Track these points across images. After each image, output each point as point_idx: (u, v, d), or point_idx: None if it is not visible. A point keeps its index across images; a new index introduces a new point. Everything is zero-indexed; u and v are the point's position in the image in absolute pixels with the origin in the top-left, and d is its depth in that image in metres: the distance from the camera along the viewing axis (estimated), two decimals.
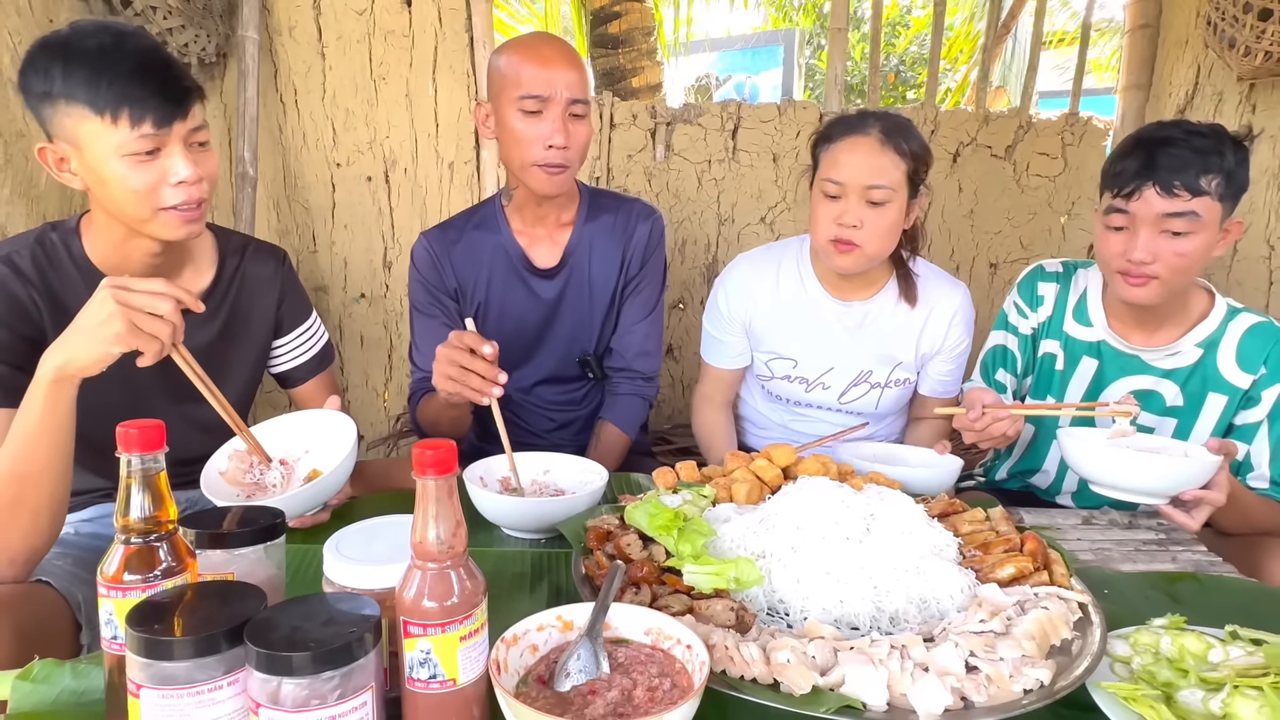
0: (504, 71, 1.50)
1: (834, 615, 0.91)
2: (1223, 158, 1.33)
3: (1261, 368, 1.43)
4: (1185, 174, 1.33)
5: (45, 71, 1.15)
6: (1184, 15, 2.43)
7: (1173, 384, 1.49)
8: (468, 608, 0.68)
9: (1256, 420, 1.44)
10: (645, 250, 1.72)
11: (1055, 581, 0.96)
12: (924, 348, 1.67)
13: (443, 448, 0.67)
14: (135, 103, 1.15)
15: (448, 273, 1.66)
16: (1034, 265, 1.68)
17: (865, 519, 1.02)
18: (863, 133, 1.50)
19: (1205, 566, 1.16)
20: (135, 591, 0.71)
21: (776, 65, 7.08)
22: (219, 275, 1.43)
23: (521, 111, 1.48)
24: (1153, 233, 1.37)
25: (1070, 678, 0.78)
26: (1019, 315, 1.65)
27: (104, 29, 1.20)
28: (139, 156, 1.17)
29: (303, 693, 0.62)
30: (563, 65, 1.48)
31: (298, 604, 0.69)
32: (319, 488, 1.14)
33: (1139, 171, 1.36)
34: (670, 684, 0.73)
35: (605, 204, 1.72)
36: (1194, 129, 1.36)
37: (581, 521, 1.08)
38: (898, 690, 0.74)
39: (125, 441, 0.71)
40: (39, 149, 1.21)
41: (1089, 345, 1.56)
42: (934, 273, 1.70)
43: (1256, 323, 1.46)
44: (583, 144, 1.55)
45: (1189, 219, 1.34)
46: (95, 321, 1.04)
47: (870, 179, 1.47)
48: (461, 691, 0.69)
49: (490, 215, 1.69)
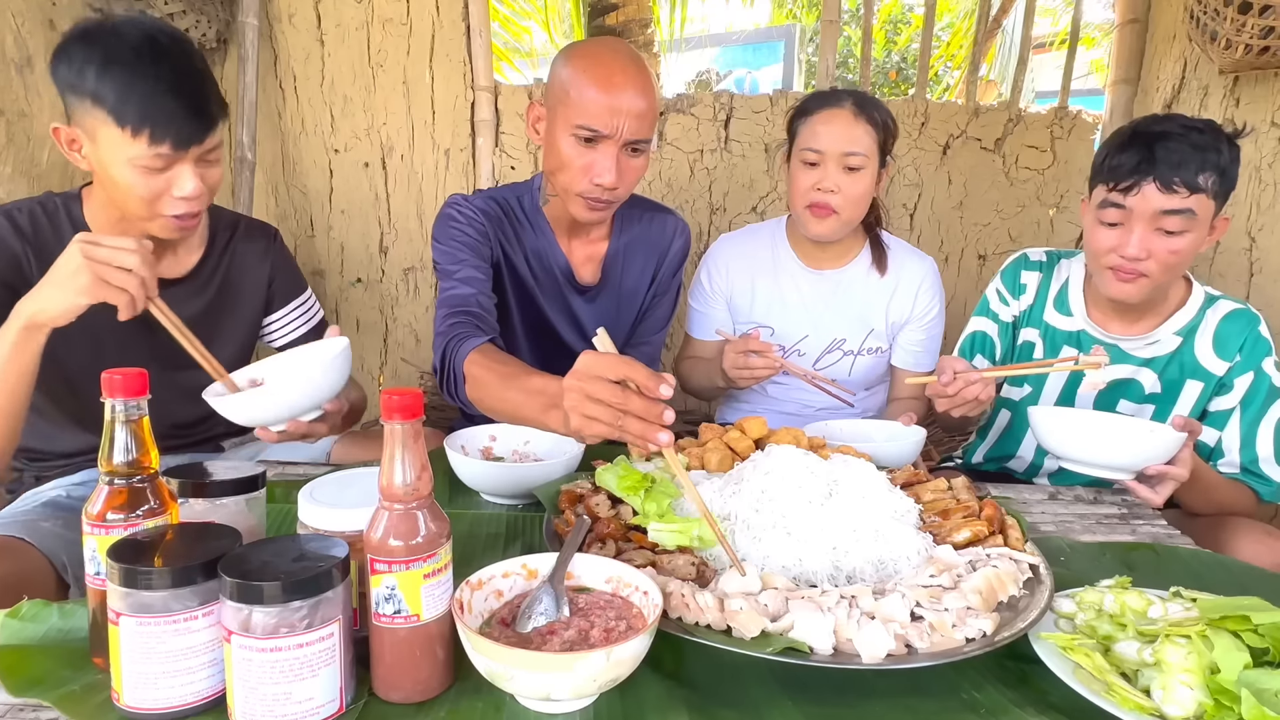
0: (566, 87, 1.35)
1: (793, 573, 0.94)
2: (1219, 154, 1.31)
3: (1236, 355, 1.44)
4: (1184, 170, 1.30)
5: (79, 67, 1.17)
6: (1171, 10, 2.46)
7: (1151, 372, 1.51)
8: (431, 547, 0.72)
9: (1229, 407, 1.45)
10: (675, 266, 1.70)
11: (1010, 546, 0.99)
12: (893, 315, 1.76)
13: (409, 394, 0.71)
14: (159, 124, 1.18)
15: (491, 236, 1.50)
16: (1019, 253, 1.69)
17: (829, 484, 1.05)
18: (838, 105, 1.61)
19: (1163, 538, 1.19)
20: (118, 530, 0.75)
21: (778, 61, 7.12)
22: (209, 250, 1.47)
23: (575, 138, 1.35)
24: (1148, 229, 1.35)
25: (1013, 629, 0.81)
26: (1000, 302, 1.67)
27: (146, 34, 1.20)
28: (150, 169, 1.21)
29: (272, 621, 0.66)
30: (632, 95, 1.32)
31: (271, 542, 0.73)
32: (303, 380, 1.15)
33: (1137, 166, 1.33)
34: (626, 626, 0.76)
35: (638, 215, 1.65)
36: (1190, 124, 1.34)
37: (556, 486, 1.11)
38: (844, 635, 0.78)
39: (109, 387, 0.75)
40: (54, 127, 1.24)
41: (1068, 335, 1.58)
42: (901, 245, 1.80)
43: (1233, 309, 1.47)
44: (634, 180, 1.43)
45: (1185, 217, 1.32)
46: (65, 274, 1.08)
47: (847, 146, 1.58)
48: (425, 628, 0.73)
49: (532, 212, 1.56)
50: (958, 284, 2.83)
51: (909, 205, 2.79)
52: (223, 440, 1.57)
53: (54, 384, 1.37)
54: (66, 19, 2.05)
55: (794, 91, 2.66)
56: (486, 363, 1.21)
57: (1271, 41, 1.91)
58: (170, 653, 0.68)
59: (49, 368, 1.36)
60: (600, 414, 0.90)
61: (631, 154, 1.39)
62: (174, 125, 1.18)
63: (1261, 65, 2.03)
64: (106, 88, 1.16)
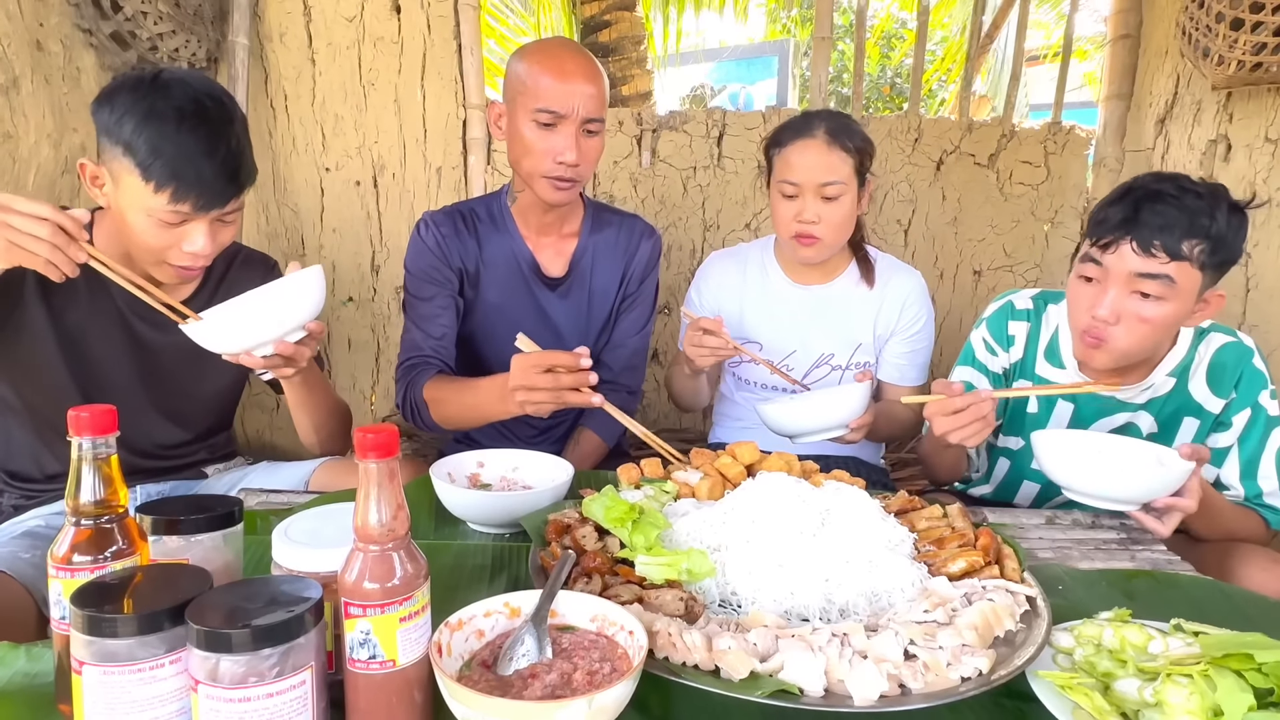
0: (522, 78, 1.48)
1: (784, 606, 0.92)
2: (1213, 221, 1.23)
3: (1232, 391, 1.41)
4: (1167, 234, 1.23)
5: (120, 117, 1.19)
6: (1164, 26, 2.46)
7: (1148, 414, 1.47)
8: (408, 589, 0.70)
9: (1227, 445, 1.42)
10: (645, 268, 1.76)
11: (1006, 576, 0.97)
12: (880, 328, 1.77)
13: (384, 432, 0.69)
14: (184, 184, 1.19)
15: (454, 255, 1.63)
16: (1004, 300, 1.59)
17: (821, 513, 1.03)
18: (810, 135, 1.61)
19: (1163, 564, 1.17)
20: (84, 572, 0.72)
21: (772, 76, 7.14)
22: (206, 278, 1.46)
23: (535, 123, 1.47)
24: (1122, 291, 1.28)
25: (1010, 667, 0.79)
26: (987, 352, 1.58)
27: (192, 96, 1.21)
28: (165, 223, 1.22)
29: (240, 670, 0.63)
30: (582, 80, 1.46)
31: (242, 585, 0.71)
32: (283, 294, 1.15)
33: (1120, 224, 1.27)
34: (610, 668, 0.74)
35: (608, 218, 1.74)
36: (1190, 186, 1.26)
37: (544, 516, 1.09)
38: (835, 676, 0.75)
39: (76, 425, 0.73)
40: (80, 163, 1.26)
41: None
42: (888, 260, 1.81)
43: (1226, 343, 1.43)
44: (594, 159, 1.55)
45: (1162, 283, 1.25)
46: None
47: (823, 177, 1.59)
48: (402, 672, 0.70)
49: (498, 214, 1.68)
50: (953, 300, 2.82)
51: (903, 221, 2.78)
52: (205, 466, 1.54)
53: (37, 403, 1.36)
54: (54, 40, 2.04)
55: (787, 108, 2.65)
56: (440, 384, 1.50)
57: (1264, 58, 1.91)
58: (135, 702, 0.65)
59: (32, 386, 1.35)
60: (544, 397, 1.25)
61: (588, 134, 1.51)
62: (198, 188, 1.20)
63: (1254, 81, 2.03)
64: (141, 141, 1.18)
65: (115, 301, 1.35)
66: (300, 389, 1.39)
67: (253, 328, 1.16)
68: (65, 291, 1.26)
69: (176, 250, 1.25)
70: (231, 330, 1.15)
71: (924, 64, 2.88)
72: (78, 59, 2.13)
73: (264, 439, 2.82)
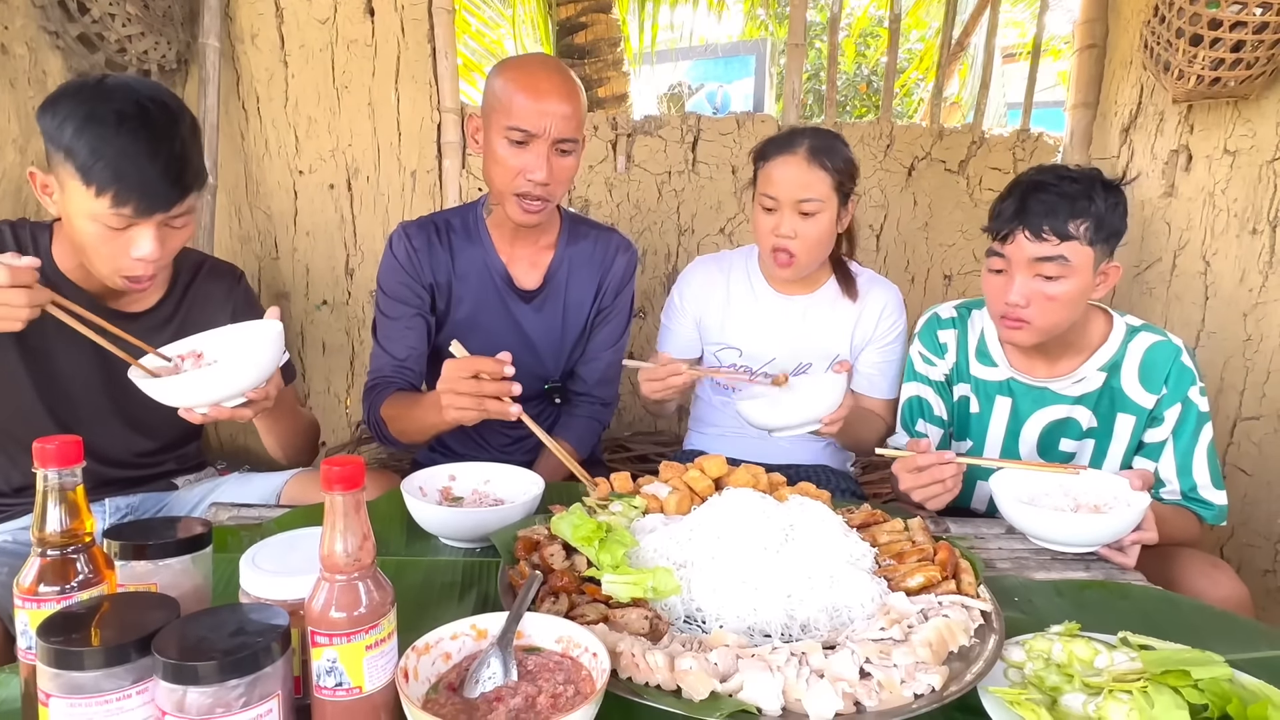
0: (498, 94, 1.48)
1: (747, 623, 0.94)
2: (1092, 202, 1.36)
3: (1163, 387, 1.47)
4: (1053, 219, 1.36)
5: (60, 121, 1.17)
6: (1129, 37, 2.51)
7: (1084, 408, 1.53)
8: (374, 618, 0.71)
9: (1161, 439, 1.48)
10: (620, 282, 1.77)
11: (962, 590, 1.00)
12: (857, 339, 1.80)
13: (350, 464, 0.70)
14: (126, 188, 1.18)
15: (425, 269, 1.64)
16: (929, 314, 1.68)
17: (784, 529, 1.06)
18: (791, 151, 1.63)
19: (1115, 574, 1.21)
20: (50, 603, 0.73)
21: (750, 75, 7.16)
22: (171, 289, 1.45)
23: (507, 140, 1.47)
24: (1026, 276, 1.39)
25: (961, 683, 0.81)
26: (925, 364, 1.66)
27: (135, 99, 1.20)
28: (109, 228, 1.21)
29: (207, 700, 0.64)
30: (556, 100, 1.46)
31: (208, 615, 0.72)
32: (227, 369, 1.15)
33: (1012, 216, 1.39)
34: (574, 691, 0.76)
35: (584, 231, 1.75)
36: (1067, 174, 1.39)
37: (514, 531, 1.10)
38: (793, 696, 0.78)
39: (42, 457, 0.73)
40: (30, 171, 1.25)
41: (999, 385, 1.59)
42: (867, 274, 1.85)
43: (1155, 342, 1.49)
44: (566, 179, 1.55)
45: (1058, 263, 1.37)
46: None
47: (800, 193, 1.61)
48: (369, 699, 0.71)
49: (473, 225, 1.68)
50: (924, 304, 2.85)
51: (875, 226, 2.82)
52: (175, 477, 1.54)
53: (2, 417, 1.35)
54: (19, 42, 2.02)
55: (761, 114, 2.67)
56: (394, 401, 1.54)
57: (1222, 73, 1.96)
58: None
59: (3, 399, 1.34)
60: (466, 403, 1.26)
61: (560, 154, 1.50)
62: (139, 190, 1.19)
63: (1213, 95, 2.08)
64: (80, 145, 1.16)
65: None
66: (262, 418, 1.39)
67: (189, 394, 1.15)
68: None
69: (125, 258, 1.23)
70: (168, 393, 1.14)
71: (896, 70, 2.91)
72: (44, 62, 2.10)
73: (237, 443, 2.81)
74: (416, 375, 1.65)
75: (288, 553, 0.82)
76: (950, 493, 1.32)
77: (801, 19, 2.68)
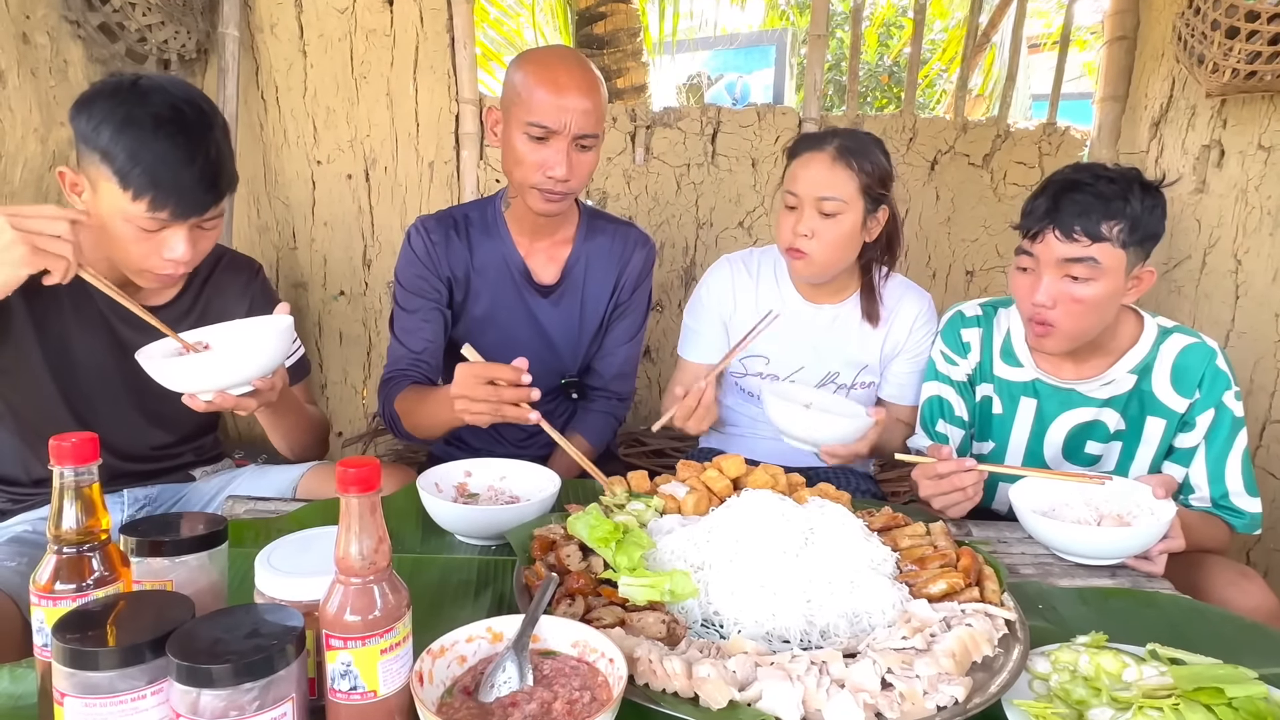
0: (518, 88, 1.46)
1: (766, 628, 0.93)
2: (1128, 203, 1.31)
3: (1196, 391, 1.43)
4: (1086, 219, 1.32)
5: (96, 124, 1.17)
6: (1160, 29, 2.45)
7: (1113, 411, 1.49)
8: (390, 621, 0.70)
9: (1193, 444, 1.44)
10: (638, 277, 1.75)
11: (986, 598, 0.98)
12: (887, 349, 1.75)
13: (366, 465, 0.69)
14: (162, 192, 1.18)
15: (443, 263, 1.62)
16: (953, 312, 1.64)
17: (804, 532, 1.04)
18: (819, 149, 1.59)
19: (1142, 582, 1.18)
20: (66, 601, 0.72)
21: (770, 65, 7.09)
22: (189, 282, 1.45)
23: (527, 135, 1.45)
24: (1055, 277, 1.36)
25: (984, 695, 0.80)
26: (947, 363, 1.62)
27: (170, 102, 1.20)
28: (144, 230, 1.21)
29: (221, 703, 0.64)
30: (576, 95, 1.43)
31: (223, 615, 0.71)
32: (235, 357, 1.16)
33: (1044, 214, 1.35)
34: (590, 697, 0.74)
35: (603, 225, 1.72)
36: (1104, 173, 1.35)
37: (530, 529, 1.10)
38: (813, 706, 0.76)
39: (58, 454, 0.73)
40: (59, 171, 1.25)
41: (1024, 385, 1.55)
42: (899, 281, 1.78)
43: (1189, 344, 1.45)
44: (586, 173, 1.53)
45: (1088, 265, 1.33)
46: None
47: (821, 191, 1.56)
48: (384, 703, 0.71)
49: (491, 219, 1.66)
50: (945, 300, 2.82)
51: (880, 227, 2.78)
52: (192, 469, 1.55)
53: (22, 408, 1.35)
54: (40, 32, 2.02)
55: (782, 106, 2.64)
56: (407, 395, 1.53)
57: (1258, 66, 1.90)
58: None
59: (16, 391, 1.34)
60: (483, 409, 1.25)
61: (581, 149, 1.49)
62: (177, 195, 1.19)
63: (1248, 89, 2.02)
64: (118, 148, 1.17)
65: (98, 305, 1.34)
66: (266, 414, 1.39)
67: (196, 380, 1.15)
68: (48, 296, 1.25)
69: (157, 257, 1.24)
70: (174, 377, 1.14)
71: (919, 62, 2.86)
72: (65, 51, 2.11)
73: (254, 432, 2.82)
74: (433, 369, 1.64)
75: (303, 553, 0.81)
76: (971, 500, 1.30)
77: (824, 8, 2.64)
